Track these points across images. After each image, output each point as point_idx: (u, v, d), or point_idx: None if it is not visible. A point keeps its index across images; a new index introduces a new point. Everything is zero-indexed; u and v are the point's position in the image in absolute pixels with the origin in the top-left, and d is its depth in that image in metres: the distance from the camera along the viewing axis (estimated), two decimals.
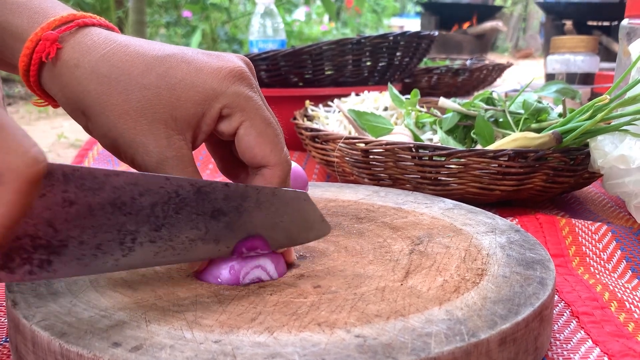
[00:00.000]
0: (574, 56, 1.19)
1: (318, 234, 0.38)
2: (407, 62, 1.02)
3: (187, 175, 0.35)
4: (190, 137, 0.35)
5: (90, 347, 0.27)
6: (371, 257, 0.39)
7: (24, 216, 0.25)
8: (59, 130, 2.29)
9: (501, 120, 0.68)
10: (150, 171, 0.34)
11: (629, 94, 0.55)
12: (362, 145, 0.62)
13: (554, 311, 0.40)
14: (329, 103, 0.85)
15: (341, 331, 0.28)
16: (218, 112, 0.35)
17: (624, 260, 0.48)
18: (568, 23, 2.44)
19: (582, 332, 0.37)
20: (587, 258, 0.49)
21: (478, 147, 0.64)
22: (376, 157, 0.62)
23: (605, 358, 0.34)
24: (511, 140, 0.60)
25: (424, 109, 0.77)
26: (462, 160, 0.58)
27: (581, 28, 2.42)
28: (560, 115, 0.68)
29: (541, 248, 0.40)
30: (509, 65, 1.41)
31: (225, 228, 0.34)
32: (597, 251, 0.50)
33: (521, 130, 0.66)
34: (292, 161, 0.41)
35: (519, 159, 0.57)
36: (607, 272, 0.48)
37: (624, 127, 0.54)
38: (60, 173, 0.27)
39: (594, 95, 1.09)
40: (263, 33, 1.26)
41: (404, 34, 0.96)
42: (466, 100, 0.75)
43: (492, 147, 0.60)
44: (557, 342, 0.36)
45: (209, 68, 0.35)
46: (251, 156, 0.36)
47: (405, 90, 1.13)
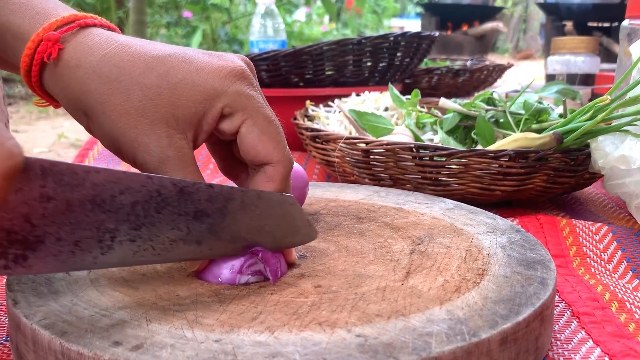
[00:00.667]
0: (575, 57, 1.19)
1: (304, 239, 0.38)
2: (408, 63, 1.02)
3: (188, 174, 0.35)
4: (191, 137, 0.35)
5: (90, 346, 0.27)
6: (372, 257, 0.39)
7: None
8: (60, 130, 2.29)
9: (502, 120, 0.68)
10: (151, 170, 0.34)
11: (630, 95, 0.55)
12: (363, 145, 0.62)
13: (555, 311, 0.40)
14: (330, 103, 0.85)
15: (342, 331, 0.28)
16: (219, 111, 0.35)
17: (625, 260, 0.48)
18: (568, 24, 2.44)
19: (583, 333, 0.37)
20: (588, 259, 0.49)
21: (479, 148, 0.64)
22: (377, 158, 0.62)
23: (606, 358, 0.34)
24: (512, 140, 0.60)
25: (425, 110, 0.77)
26: (463, 160, 0.58)
27: (581, 29, 2.42)
28: (560, 115, 0.68)
29: (542, 248, 0.40)
30: (510, 66, 1.41)
31: (207, 230, 0.33)
32: (598, 252, 0.50)
33: (522, 130, 0.66)
34: (293, 162, 0.41)
35: (520, 160, 0.57)
36: (608, 273, 0.48)
37: (625, 128, 0.54)
38: (38, 167, 0.27)
39: (595, 95, 1.10)
40: (264, 33, 1.26)
41: (405, 35, 0.96)
42: (467, 100, 0.75)
43: (493, 148, 0.60)
44: (558, 342, 0.36)
45: (210, 67, 0.35)
46: (254, 154, 0.36)
47: (405, 90, 1.13)
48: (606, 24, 2.45)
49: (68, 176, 0.27)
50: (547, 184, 0.60)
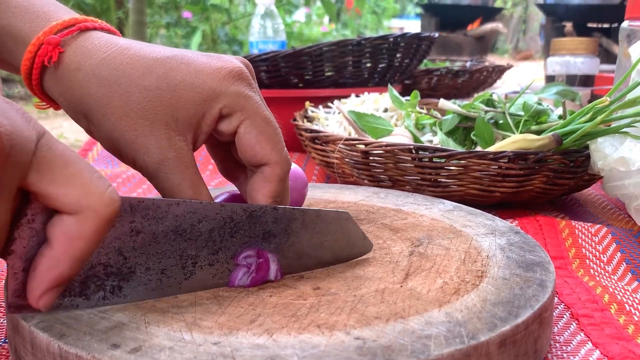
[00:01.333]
0: (574, 58, 1.19)
1: (361, 251, 0.39)
2: (407, 64, 1.02)
3: (187, 176, 0.35)
4: (191, 138, 0.35)
5: (89, 349, 0.27)
6: (371, 259, 0.39)
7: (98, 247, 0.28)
8: (59, 130, 2.29)
9: (501, 122, 0.68)
10: (150, 172, 0.35)
11: (629, 96, 0.55)
12: (362, 146, 0.62)
13: (554, 313, 0.40)
14: (329, 104, 0.85)
15: (340, 333, 0.28)
16: (218, 112, 0.35)
17: (624, 262, 0.48)
18: (568, 25, 2.44)
19: (582, 335, 0.37)
20: (587, 260, 0.49)
21: (478, 149, 0.64)
22: (376, 159, 0.62)
23: None
24: (511, 142, 0.60)
25: (424, 111, 0.77)
26: (462, 162, 0.58)
27: (581, 30, 2.42)
28: (560, 117, 0.68)
29: (541, 250, 0.40)
30: (509, 67, 1.41)
31: (275, 249, 0.35)
32: (597, 253, 0.50)
33: (521, 132, 0.66)
34: (292, 162, 0.41)
35: (519, 161, 0.57)
36: (607, 274, 0.48)
37: (624, 130, 0.54)
38: (127, 205, 0.30)
39: (594, 97, 1.10)
40: (263, 34, 1.26)
41: (404, 36, 0.96)
42: (466, 101, 0.75)
43: (492, 149, 0.60)
44: (557, 345, 0.36)
45: (209, 69, 0.36)
46: (252, 154, 0.36)
47: (405, 91, 1.13)
48: (606, 25, 2.45)
49: (153, 210, 0.31)
50: (547, 186, 0.60)
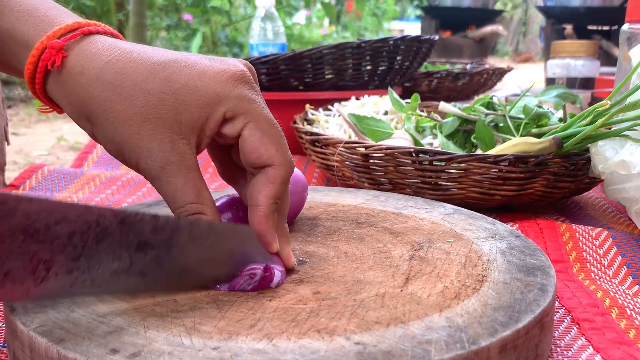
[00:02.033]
0: (575, 61, 1.19)
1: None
2: (408, 66, 1.02)
3: (190, 179, 0.35)
4: (194, 142, 0.35)
5: (88, 354, 0.26)
6: (371, 263, 0.39)
7: None
8: (59, 133, 2.29)
9: (501, 125, 0.68)
10: (154, 175, 0.35)
11: (630, 100, 0.55)
12: (362, 149, 0.62)
13: (555, 317, 0.39)
14: (329, 107, 0.85)
15: (341, 338, 0.28)
16: (222, 116, 0.35)
17: (625, 266, 0.48)
18: (568, 27, 2.44)
19: (583, 339, 0.37)
20: (588, 264, 0.49)
21: (478, 152, 0.64)
22: (376, 162, 0.62)
23: None
24: (512, 145, 0.59)
25: (424, 114, 0.77)
26: (463, 165, 0.58)
27: (581, 32, 2.43)
28: (560, 120, 0.68)
29: (542, 254, 0.40)
30: (509, 69, 1.41)
31: (152, 262, 0.32)
32: (598, 257, 0.50)
33: (521, 135, 0.65)
34: (294, 166, 0.41)
35: (520, 164, 0.57)
36: (608, 278, 0.47)
37: (625, 133, 0.54)
38: None
39: (595, 99, 1.10)
40: (263, 36, 1.26)
41: (404, 38, 0.96)
42: (466, 104, 0.75)
43: (493, 152, 0.60)
44: (558, 349, 0.36)
45: (212, 72, 0.36)
46: (256, 156, 0.36)
47: (405, 94, 1.13)
48: (606, 27, 2.45)
49: None
50: (547, 189, 0.60)
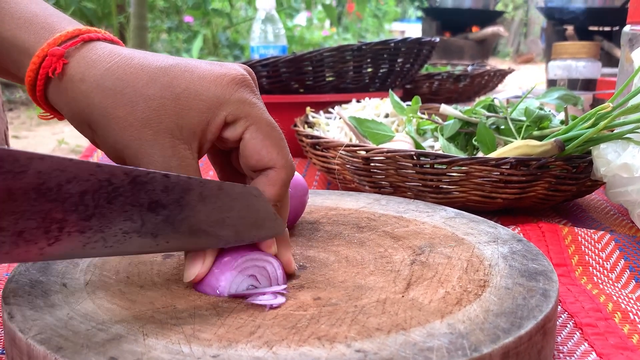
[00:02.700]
0: (576, 62, 1.19)
1: (269, 233, 0.36)
2: (409, 69, 1.01)
3: None
4: (196, 147, 0.35)
5: None
6: (372, 268, 0.39)
7: None
8: (60, 136, 2.29)
9: (503, 127, 0.68)
10: None
11: (632, 102, 0.54)
12: (363, 153, 0.62)
13: (557, 322, 0.39)
14: (330, 109, 0.85)
15: (341, 346, 0.28)
16: (223, 120, 0.35)
17: (628, 269, 0.48)
18: (569, 28, 2.44)
19: (586, 344, 0.37)
20: (590, 267, 0.49)
21: (480, 155, 0.64)
22: (377, 165, 0.62)
23: None
24: (513, 148, 0.59)
25: (425, 116, 0.77)
26: (464, 168, 0.57)
27: (582, 33, 2.42)
28: (562, 122, 0.68)
29: (544, 259, 0.40)
30: (510, 71, 1.41)
31: (163, 222, 0.32)
32: (600, 260, 0.50)
33: (523, 137, 0.65)
34: (295, 168, 0.41)
35: (521, 167, 0.57)
36: (611, 282, 0.47)
37: (627, 136, 0.54)
38: None
39: (596, 101, 1.09)
40: (264, 39, 1.26)
41: (405, 41, 0.96)
42: (468, 106, 0.75)
43: (494, 155, 0.60)
44: (561, 355, 0.35)
45: (212, 76, 0.36)
46: (257, 159, 0.36)
47: (406, 96, 1.13)
48: (607, 28, 2.45)
49: (9, 163, 0.26)
50: (549, 192, 0.59)
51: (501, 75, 1.36)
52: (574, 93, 0.83)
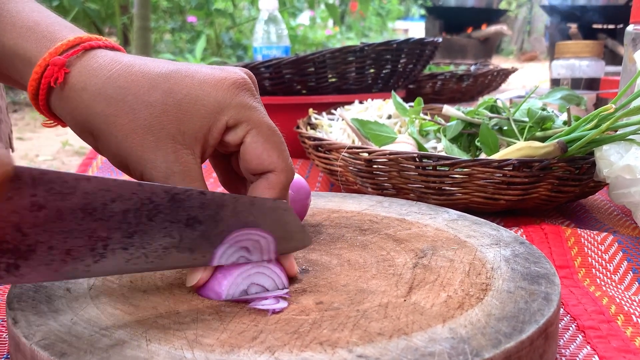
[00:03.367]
0: (579, 61, 1.19)
1: (298, 245, 0.38)
2: (411, 69, 1.01)
3: None
4: (199, 152, 0.36)
5: None
6: (374, 271, 0.39)
7: None
8: (64, 137, 2.30)
9: (505, 128, 0.68)
10: None
11: (635, 104, 0.54)
12: (366, 154, 0.62)
13: (559, 325, 0.39)
14: (332, 111, 0.85)
15: (343, 351, 0.28)
16: (224, 125, 0.36)
17: (631, 271, 0.48)
18: (573, 26, 2.43)
19: (589, 348, 0.37)
20: (593, 269, 0.49)
21: (482, 157, 0.64)
22: (380, 167, 0.62)
23: None
24: (516, 149, 0.59)
25: (428, 117, 0.77)
26: (467, 169, 0.57)
27: (586, 31, 2.41)
28: (565, 123, 0.68)
29: (546, 262, 0.40)
30: (514, 70, 1.40)
31: (200, 237, 0.33)
32: (604, 262, 0.50)
33: (526, 138, 0.65)
34: (295, 173, 0.41)
35: (524, 169, 0.57)
36: (614, 284, 0.47)
37: (630, 137, 0.53)
38: (28, 176, 0.27)
39: (600, 100, 1.09)
40: (267, 39, 1.26)
41: (408, 41, 0.96)
42: (471, 107, 0.75)
43: (497, 157, 0.60)
44: (563, 358, 0.35)
45: (213, 80, 0.36)
46: (258, 162, 0.36)
47: (409, 96, 1.13)
48: (611, 26, 2.44)
49: (59, 185, 0.28)
50: (552, 193, 0.59)
51: (504, 74, 1.35)
52: (578, 92, 0.82)
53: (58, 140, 2.26)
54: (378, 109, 0.81)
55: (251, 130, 0.36)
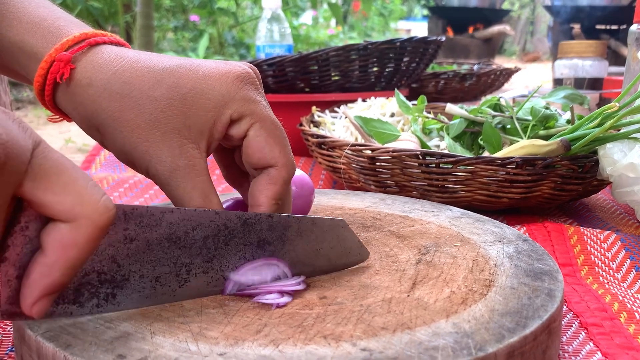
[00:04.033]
0: (582, 61, 1.19)
1: (357, 259, 0.39)
2: (414, 68, 1.01)
3: (198, 183, 0.35)
4: (204, 146, 0.36)
5: (95, 359, 0.27)
6: (378, 267, 0.39)
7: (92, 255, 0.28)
8: (67, 134, 2.30)
9: (509, 126, 0.68)
10: (163, 180, 0.35)
11: (638, 102, 0.54)
12: (369, 152, 0.62)
13: (562, 322, 0.39)
14: (336, 109, 0.85)
15: (347, 344, 0.28)
16: (228, 118, 0.36)
17: (634, 269, 0.48)
18: (576, 26, 2.43)
19: (591, 344, 0.37)
20: (596, 267, 0.49)
21: (485, 155, 0.64)
22: (383, 164, 0.62)
23: None
24: (519, 147, 0.59)
25: (431, 115, 0.77)
26: (470, 167, 0.57)
27: (589, 31, 2.41)
28: (568, 121, 0.68)
29: (549, 258, 0.40)
30: (517, 70, 1.40)
31: (270, 256, 0.35)
32: (606, 260, 0.50)
33: (529, 137, 0.65)
34: (299, 169, 0.41)
35: (527, 167, 0.57)
36: (617, 282, 0.47)
37: (633, 135, 0.53)
38: (121, 212, 0.30)
39: (603, 100, 1.09)
40: (270, 38, 1.26)
41: (411, 40, 0.96)
42: (474, 105, 0.75)
43: (500, 155, 0.60)
44: (566, 355, 0.36)
45: (217, 74, 0.36)
46: (260, 156, 0.36)
47: (412, 95, 1.13)
48: (614, 27, 2.44)
49: (147, 218, 0.31)
50: (555, 191, 0.59)
51: (507, 74, 1.35)
52: (581, 92, 0.82)
53: (61, 137, 2.26)
54: (381, 107, 0.81)
55: (254, 123, 0.36)
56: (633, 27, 0.72)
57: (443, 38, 1.05)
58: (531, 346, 0.30)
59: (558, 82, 1.24)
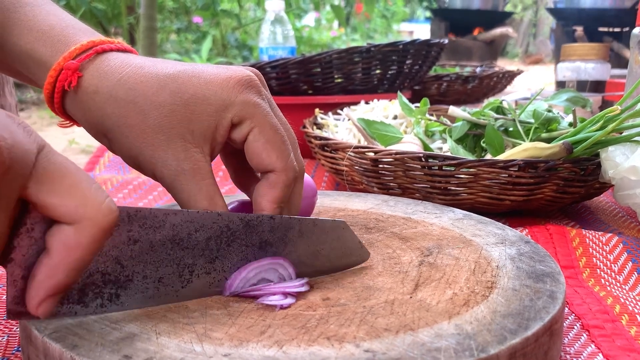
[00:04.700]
0: (585, 64, 1.19)
1: (357, 260, 0.39)
2: (417, 70, 1.02)
3: (203, 187, 0.36)
4: (208, 150, 0.36)
5: None
6: (380, 269, 0.39)
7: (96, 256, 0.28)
8: (71, 136, 2.31)
9: (511, 129, 0.68)
10: (168, 183, 0.36)
11: None
12: (372, 154, 0.62)
13: (564, 324, 0.39)
14: (339, 111, 0.85)
15: (350, 345, 0.28)
16: (229, 122, 0.36)
17: (635, 272, 0.48)
18: (579, 29, 2.43)
19: (593, 346, 0.37)
20: (598, 270, 0.49)
21: (488, 157, 0.64)
22: (385, 167, 0.62)
23: None
24: (521, 150, 0.59)
25: (434, 118, 0.77)
26: (472, 170, 0.58)
27: (592, 34, 2.41)
28: (570, 124, 0.68)
29: (551, 260, 0.40)
30: (519, 72, 1.40)
31: (275, 257, 0.36)
32: (608, 263, 0.50)
33: (531, 139, 0.65)
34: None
35: (529, 169, 0.57)
36: (619, 284, 0.47)
37: (636, 138, 0.54)
38: (125, 214, 0.30)
39: (605, 103, 1.09)
40: (273, 40, 1.27)
41: (414, 42, 0.96)
42: (476, 108, 0.75)
43: (502, 157, 0.60)
44: (567, 356, 0.36)
45: (218, 79, 0.36)
46: (258, 162, 0.37)
47: (414, 97, 1.13)
48: (617, 29, 2.44)
49: (150, 220, 0.31)
50: (557, 194, 0.59)
51: (510, 76, 1.35)
52: (583, 95, 0.83)
53: (65, 138, 2.27)
54: (384, 110, 0.82)
55: (254, 128, 0.36)
56: (636, 30, 0.73)
57: (446, 40, 1.05)
58: (533, 348, 0.30)
59: (560, 85, 1.24)
